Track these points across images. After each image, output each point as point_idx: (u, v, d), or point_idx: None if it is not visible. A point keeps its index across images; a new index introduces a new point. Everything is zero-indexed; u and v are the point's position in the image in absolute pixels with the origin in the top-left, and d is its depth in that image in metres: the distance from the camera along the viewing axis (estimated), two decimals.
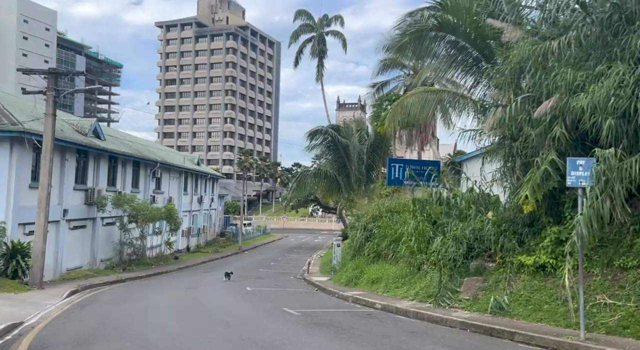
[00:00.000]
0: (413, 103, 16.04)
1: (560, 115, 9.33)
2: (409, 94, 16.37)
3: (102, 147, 27.58)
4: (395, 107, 16.47)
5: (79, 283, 19.58)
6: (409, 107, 16.06)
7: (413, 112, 16.04)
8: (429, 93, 16.01)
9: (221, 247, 49.42)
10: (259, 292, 17.53)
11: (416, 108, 16.01)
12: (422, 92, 16.11)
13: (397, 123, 16.24)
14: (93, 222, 27.56)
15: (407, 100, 16.26)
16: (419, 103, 16.01)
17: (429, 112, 15.75)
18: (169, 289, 18.50)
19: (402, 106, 16.30)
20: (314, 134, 29.05)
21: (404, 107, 16.33)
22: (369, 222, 19.11)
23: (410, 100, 16.12)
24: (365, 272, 17.49)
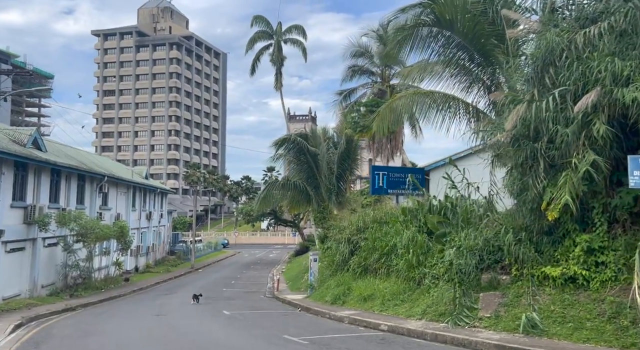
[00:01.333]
0: (403, 105, 14.98)
1: (601, 110, 8.45)
2: (398, 96, 15.38)
3: (43, 158, 24.79)
4: (385, 110, 15.38)
5: (22, 314, 16.97)
6: (399, 109, 14.99)
7: (402, 115, 14.99)
8: (419, 95, 15.02)
9: (172, 266, 46.55)
10: (240, 316, 15.69)
11: (406, 110, 14.96)
12: (413, 95, 15.12)
13: (385, 126, 15.13)
14: (33, 243, 24.60)
15: (396, 102, 15.20)
16: (409, 105, 14.98)
17: (421, 114, 14.75)
18: (133, 316, 16.29)
19: (392, 109, 15.23)
20: (281, 143, 27.50)
21: (393, 110, 15.25)
22: (353, 234, 17.78)
23: (400, 103, 15.06)
24: (354, 288, 16.11)
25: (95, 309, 19.88)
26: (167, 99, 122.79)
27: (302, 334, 11.10)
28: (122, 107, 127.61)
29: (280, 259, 58.48)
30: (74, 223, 25.21)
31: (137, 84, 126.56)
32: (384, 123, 15.13)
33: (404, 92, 15.43)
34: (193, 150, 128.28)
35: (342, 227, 18.64)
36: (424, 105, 14.90)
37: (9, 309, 18.16)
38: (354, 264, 17.35)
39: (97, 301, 22.99)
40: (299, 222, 56.44)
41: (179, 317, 15.64)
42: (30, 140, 25.48)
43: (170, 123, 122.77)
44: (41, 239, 24.98)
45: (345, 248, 17.85)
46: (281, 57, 43.64)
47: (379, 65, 30.22)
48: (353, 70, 30.70)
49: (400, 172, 19.51)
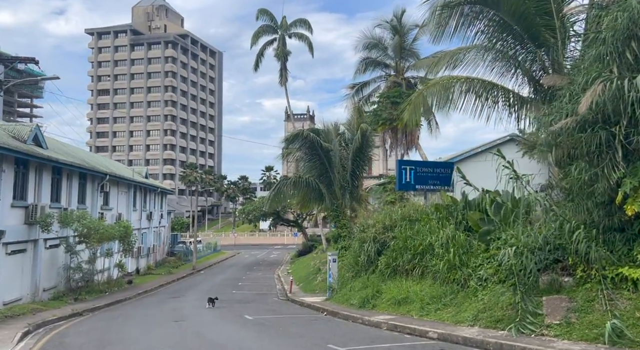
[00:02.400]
0: (438, 92, 13.98)
1: None
2: (431, 83, 14.34)
3: (45, 156, 23.60)
4: (417, 98, 14.34)
5: (27, 321, 15.81)
6: (433, 97, 13.99)
7: (437, 103, 14.00)
8: (456, 82, 14.02)
9: (173, 268, 45.37)
10: (265, 321, 14.55)
11: (441, 98, 13.97)
12: (448, 81, 14.09)
13: (418, 115, 14.09)
14: (34, 245, 23.41)
15: (429, 90, 14.18)
16: (443, 93, 13.98)
17: (458, 101, 13.77)
18: (150, 322, 15.14)
19: (424, 97, 14.20)
20: (293, 138, 26.40)
21: (424, 98, 14.22)
22: (379, 232, 16.74)
23: (435, 90, 14.05)
24: (384, 291, 15.08)
25: (104, 314, 18.71)
26: (162, 98, 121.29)
27: (347, 343, 10.03)
28: (117, 107, 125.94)
29: (282, 259, 57.39)
30: (78, 223, 24.02)
31: (132, 83, 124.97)
32: (416, 112, 14.11)
33: (437, 79, 14.41)
34: (189, 150, 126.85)
35: (367, 225, 17.59)
36: (461, 92, 13.91)
37: (13, 315, 16.99)
38: (381, 265, 16.32)
39: (104, 305, 21.81)
40: (302, 222, 55.35)
41: (200, 323, 14.52)
42: (31, 136, 24.28)
43: (166, 122, 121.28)
44: (43, 240, 23.82)
45: (371, 248, 16.81)
46: (286, 52, 42.51)
47: (393, 58, 29.19)
48: (366, 63, 29.57)
49: (428, 167, 18.50)
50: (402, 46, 28.33)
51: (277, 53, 42.39)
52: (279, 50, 42.08)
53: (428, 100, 14.12)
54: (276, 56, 42.89)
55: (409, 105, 14.37)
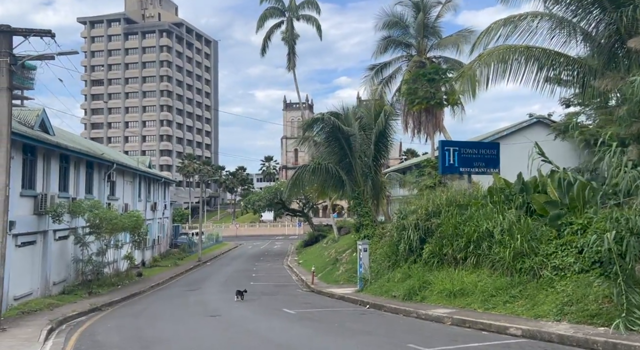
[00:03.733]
0: (496, 62, 12.85)
1: None
2: (486, 52, 13.16)
3: (54, 142, 22.29)
4: (469, 70, 13.16)
5: (47, 317, 14.65)
6: (490, 67, 12.85)
7: (493, 74, 12.88)
8: (515, 52, 12.88)
9: (179, 260, 44.25)
10: (310, 315, 13.42)
11: (500, 68, 12.85)
12: (506, 51, 12.93)
13: (473, 88, 12.93)
14: (44, 236, 22.16)
15: (484, 60, 13.00)
16: (501, 64, 12.85)
17: (519, 72, 12.67)
18: (182, 318, 13.96)
19: (480, 67, 13.05)
20: (312, 123, 25.12)
21: (483, 68, 13.07)
22: (422, 219, 15.65)
23: (491, 60, 12.89)
24: (433, 282, 14.03)
25: (125, 309, 17.52)
26: (158, 88, 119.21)
27: (430, 343, 8.90)
28: (112, 97, 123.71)
29: (287, 250, 56.42)
30: (90, 213, 22.75)
31: (127, 73, 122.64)
32: (470, 84, 12.91)
33: (492, 49, 13.24)
34: (186, 141, 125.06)
35: (408, 211, 16.48)
36: (520, 63, 12.78)
37: (30, 311, 15.81)
38: (426, 254, 15.25)
39: (120, 299, 20.65)
40: (308, 212, 54.27)
41: (240, 317, 13.38)
42: (38, 121, 22.93)
43: (162, 113, 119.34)
44: (52, 231, 22.56)
45: (414, 235, 15.73)
46: (294, 35, 41.03)
47: (414, 36, 27.84)
48: (387, 42, 28.10)
49: (473, 148, 17.39)
50: (425, 24, 26.99)
51: (285, 36, 40.92)
52: (287, 33, 40.60)
53: (483, 71, 12.95)
54: (284, 40, 41.44)
55: (461, 78, 13.20)
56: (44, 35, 13.78)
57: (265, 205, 51.12)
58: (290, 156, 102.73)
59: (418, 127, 26.79)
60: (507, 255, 11.91)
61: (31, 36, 13.74)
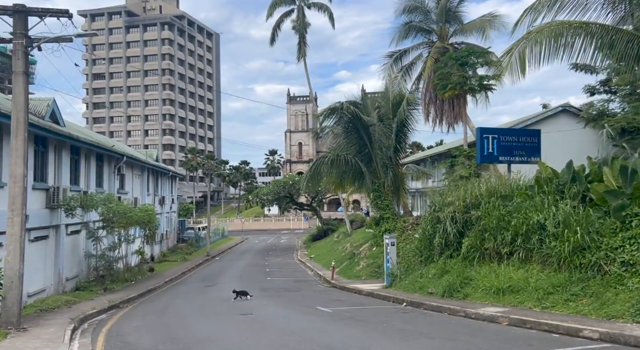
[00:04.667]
0: (547, 38, 11.97)
1: None
2: (535, 30, 12.25)
3: (66, 133, 21.46)
4: (516, 50, 12.22)
5: (66, 315, 13.90)
6: (542, 44, 11.98)
7: (545, 52, 12.03)
8: (568, 28, 11.99)
9: (187, 254, 43.49)
10: (350, 314, 12.45)
11: (550, 47, 12.00)
12: (558, 26, 12.02)
13: (523, 65, 11.94)
14: (56, 231, 21.39)
15: (534, 37, 12.09)
16: (554, 41, 11.98)
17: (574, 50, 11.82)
18: (211, 316, 13.15)
19: (523, 48, 12.15)
20: (330, 112, 24.23)
21: (524, 49, 12.18)
22: (460, 211, 14.85)
23: (541, 37, 12.00)
24: (476, 278, 13.24)
25: (146, 306, 16.71)
26: (160, 81, 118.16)
27: (504, 349, 8.15)
28: (113, 91, 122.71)
29: (294, 244, 55.73)
30: (103, 207, 21.96)
31: (128, 66, 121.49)
32: (519, 63, 11.97)
33: (543, 25, 12.34)
34: (188, 135, 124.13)
35: (442, 203, 15.66)
36: (576, 40, 11.89)
37: (47, 308, 15.03)
38: (465, 248, 14.46)
39: (137, 296, 19.89)
40: (317, 205, 53.48)
41: (274, 316, 12.57)
42: (49, 112, 22.10)
43: (165, 107, 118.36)
44: (64, 225, 21.79)
45: (451, 228, 14.93)
46: (305, 24, 40.00)
47: (435, 22, 26.80)
48: (409, 27, 26.98)
49: (512, 135, 16.52)
50: (448, 8, 25.95)
51: (296, 25, 39.89)
52: (298, 21, 39.56)
53: (534, 49, 12.03)
54: (294, 29, 40.42)
55: (508, 55, 12.26)
56: (61, 16, 12.93)
57: (273, 199, 50.30)
58: (295, 150, 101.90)
59: (440, 117, 25.91)
60: (565, 250, 11.11)
61: (47, 17, 12.87)
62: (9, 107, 17.11)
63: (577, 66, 25.23)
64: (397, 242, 22.35)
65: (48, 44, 13.44)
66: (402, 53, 27.63)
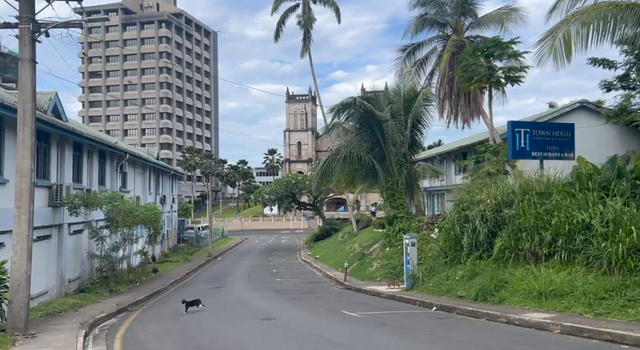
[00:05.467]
0: (590, 22, 11.21)
1: None
2: (582, 10, 11.48)
3: (70, 128, 20.55)
4: (559, 31, 11.41)
5: (76, 319, 13.01)
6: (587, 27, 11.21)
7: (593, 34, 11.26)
8: (617, 8, 11.23)
9: (188, 255, 42.55)
10: (383, 320, 11.54)
11: (597, 29, 11.23)
12: (607, 7, 11.25)
13: (568, 48, 11.15)
14: (59, 230, 20.48)
15: (580, 19, 11.31)
16: (602, 23, 11.23)
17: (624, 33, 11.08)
18: (231, 320, 12.25)
19: (568, 30, 11.38)
20: (343, 108, 23.36)
21: (569, 31, 11.40)
22: (492, 209, 14.06)
23: (587, 19, 11.23)
24: (511, 281, 12.47)
25: (157, 310, 15.80)
26: (157, 80, 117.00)
27: None
28: (110, 90, 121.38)
29: (296, 244, 54.88)
30: (109, 205, 21.06)
31: (125, 64, 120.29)
32: (563, 47, 11.15)
33: (589, 6, 11.59)
34: (186, 134, 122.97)
35: (473, 201, 14.85)
36: (627, 21, 11.14)
37: (54, 312, 14.13)
38: (496, 249, 13.67)
39: (145, 298, 19.00)
40: (320, 205, 52.64)
41: (300, 322, 11.65)
42: (51, 106, 21.15)
43: (162, 105, 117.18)
44: (67, 224, 20.88)
45: (481, 228, 14.16)
46: (311, 18, 39.13)
47: (450, 14, 25.94)
48: (423, 20, 26.11)
49: (545, 129, 15.73)
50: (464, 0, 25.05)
51: (301, 20, 39.01)
52: (304, 16, 38.68)
53: (580, 31, 11.24)
54: (299, 24, 39.54)
55: (552, 38, 11.43)
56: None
57: (276, 198, 49.42)
58: (294, 149, 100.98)
59: (455, 113, 25.14)
60: (618, 251, 10.35)
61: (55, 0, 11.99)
62: (10, 99, 16.25)
63: (595, 61, 24.57)
64: None
65: (56, 30, 12.55)
66: (416, 47, 26.78)
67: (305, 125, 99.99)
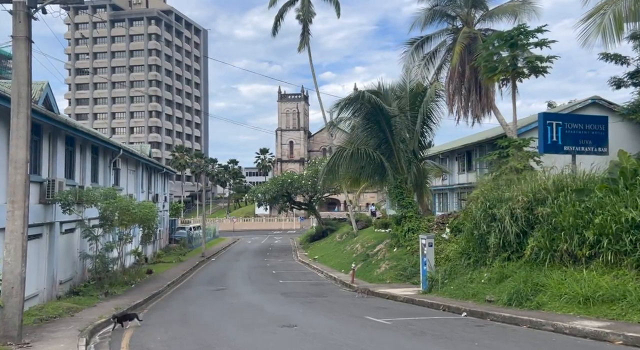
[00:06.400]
0: None
1: None
2: None
3: (63, 120, 19.34)
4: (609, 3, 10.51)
5: (73, 326, 11.82)
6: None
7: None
8: None
9: (181, 255, 41.30)
10: (413, 327, 10.62)
11: None
12: None
13: (617, 31, 10.25)
14: (50, 229, 19.21)
15: None
16: None
17: None
18: (246, 326, 11.10)
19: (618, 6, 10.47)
20: (350, 102, 22.36)
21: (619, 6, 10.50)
22: (523, 207, 13.14)
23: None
24: (549, 284, 11.55)
25: (160, 314, 14.55)
26: (146, 77, 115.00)
27: None
28: (97, 87, 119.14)
29: (290, 245, 53.78)
30: (105, 202, 19.81)
31: (113, 61, 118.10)
32: (613, 23, 10.23)
33: None
34: (175, 133, 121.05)
35: (501, 198, 13.91)
36: None
37: (48, 318, 12.92)
38: (529, 250, 12.75)
39: (143, 301, 17.79)
40: (316, 205, 51.59)
41: (327, 330, 10.46)
42: (42, 97, 19.87)
43: (151, 104, 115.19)
44: (59, 223, 19.60)
45: (511, 228, 13.23)
46: (311, 12, 38.06)
47: (460, 6, 24.94)
48: (433, 12, 25.05)
49: (577, 122, 14.87)
50: None
51: (301, 14, 37.93)
52: (303, 9, 37.62)
53: (633, 7, 10.34)
54: (298, 18, 38.48)
55: (599, 14, 10.49)
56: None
57: (271, 198, 48.25)
58: (285, 149, 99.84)
59: (465, 109, 24.26)
60: None
61: None
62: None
63: (607, 56, 23.95)
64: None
65: (54, 7, 11.37)
66: (424, 40, 25.84)
67: (298, 125, 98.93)
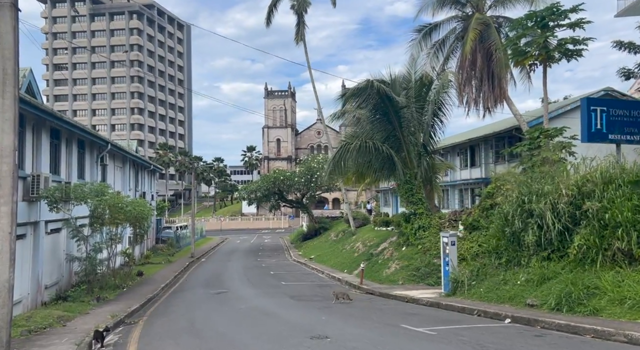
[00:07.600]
0: None
1: None
2: None
3: (48, 109, 17.68)
4: None
5: (67, 338, 10.31)
6: None
7: None
8: None
9: (169, 256, 39.64)
10: (463, 338, 9.31)
11: None
12: None
13: None
14: (34, 229, 17.58)
15: None
16: None
17: None
18: (270, 338, 9.63)
19: None
20: (356, 92, 21.03)
21: None
22: (566, 202, 11.99)
23: None
24: (604, 287, 10.41)
25: (163, 324, 12.94)
26: (128, 73, 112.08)
27: None
28: (77, 83, 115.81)
29: (281, 244, 52.38)
30: (96, 199, 18.18)
31: (93, 57, 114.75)
32: None
33: None
34: (158, 131, 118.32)
35: (540, 192, 12.73)
36: None
37: (37, 328, 11.35)
38: (574, 249, 11.61)
39: (139, 307, 16.24)
40: (307, 203, 50.22)
41: (368, 344, 9.16)
42: (25, 84, 18.36)
43: (133, 100, 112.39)
44: (44, 222, 17.94)
45: (553, 224, 12.09)
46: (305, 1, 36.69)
47: None
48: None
49: (623, 108, 13.67)
50: None
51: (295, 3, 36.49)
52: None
53: None
54: (292, 7, 37.09)
55: None
56: None
57: (262, 196, 46.75)
58: (273, 146, 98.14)
59: (476, 99, 23.16)
60: None
61: None
62: None
63: (621, 44, 23.20)
64: (435, 241, 19.54)
65: None
66: (432, 28, 24.64)
67: (285, 122, 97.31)
